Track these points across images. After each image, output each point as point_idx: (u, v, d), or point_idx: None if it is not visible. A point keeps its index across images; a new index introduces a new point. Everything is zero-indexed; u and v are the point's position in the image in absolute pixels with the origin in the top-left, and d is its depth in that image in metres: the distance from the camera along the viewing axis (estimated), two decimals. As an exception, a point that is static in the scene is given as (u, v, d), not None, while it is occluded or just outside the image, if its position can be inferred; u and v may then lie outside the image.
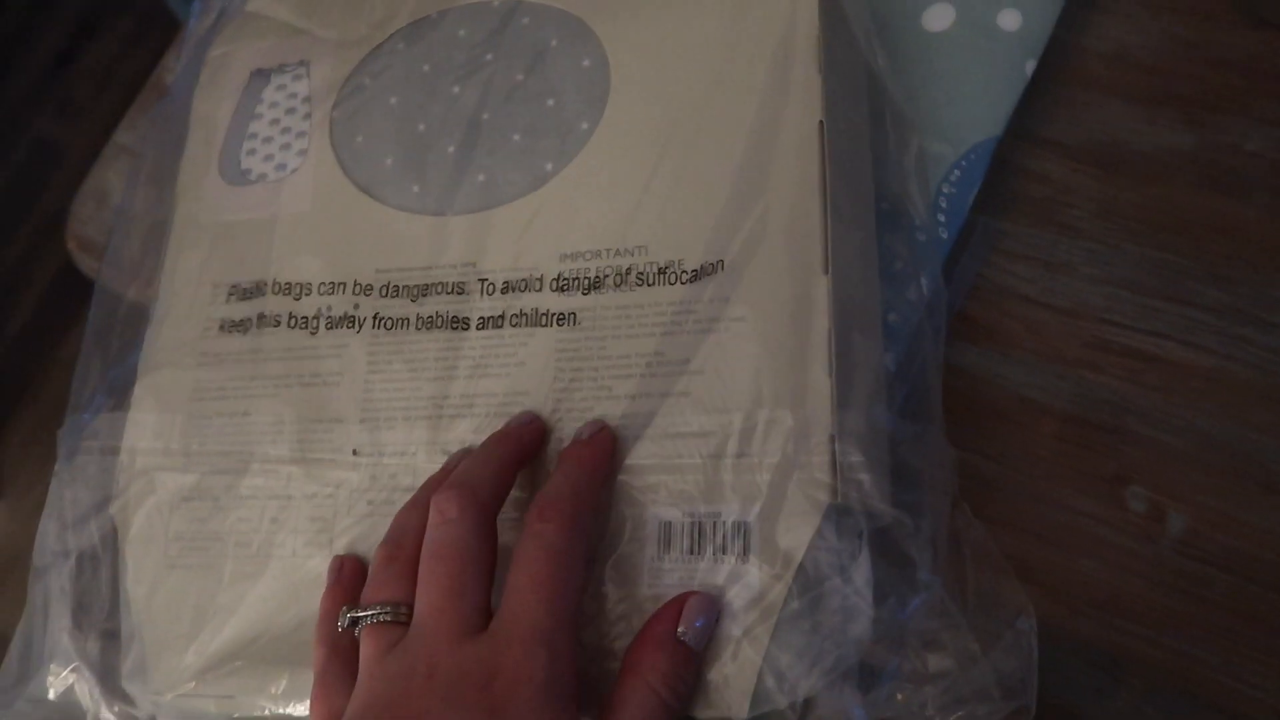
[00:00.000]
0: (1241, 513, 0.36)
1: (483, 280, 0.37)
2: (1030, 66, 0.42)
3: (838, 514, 0.31)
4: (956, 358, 0.41)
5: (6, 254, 1.50)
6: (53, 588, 0.38)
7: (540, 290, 0.36)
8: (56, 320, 1.43)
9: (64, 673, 0.36)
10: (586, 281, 0.36)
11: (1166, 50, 0.43)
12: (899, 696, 0.30)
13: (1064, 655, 0.36)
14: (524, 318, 0.36)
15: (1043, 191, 0.42)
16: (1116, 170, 0.42)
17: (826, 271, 0.33)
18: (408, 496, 0.34)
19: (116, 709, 0.36)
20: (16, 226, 1.50)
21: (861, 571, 0.31)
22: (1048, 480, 0.39)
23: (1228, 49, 0.43)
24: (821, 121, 0.35)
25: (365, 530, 0.35)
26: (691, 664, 0.30)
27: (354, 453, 0.36)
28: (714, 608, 0.31)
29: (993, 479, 0.39)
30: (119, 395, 0.41)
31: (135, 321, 0.44)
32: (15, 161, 1.54)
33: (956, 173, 0.41)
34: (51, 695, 0.36)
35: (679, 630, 0.30)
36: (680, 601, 0.31)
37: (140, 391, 0.40)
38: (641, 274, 0.35)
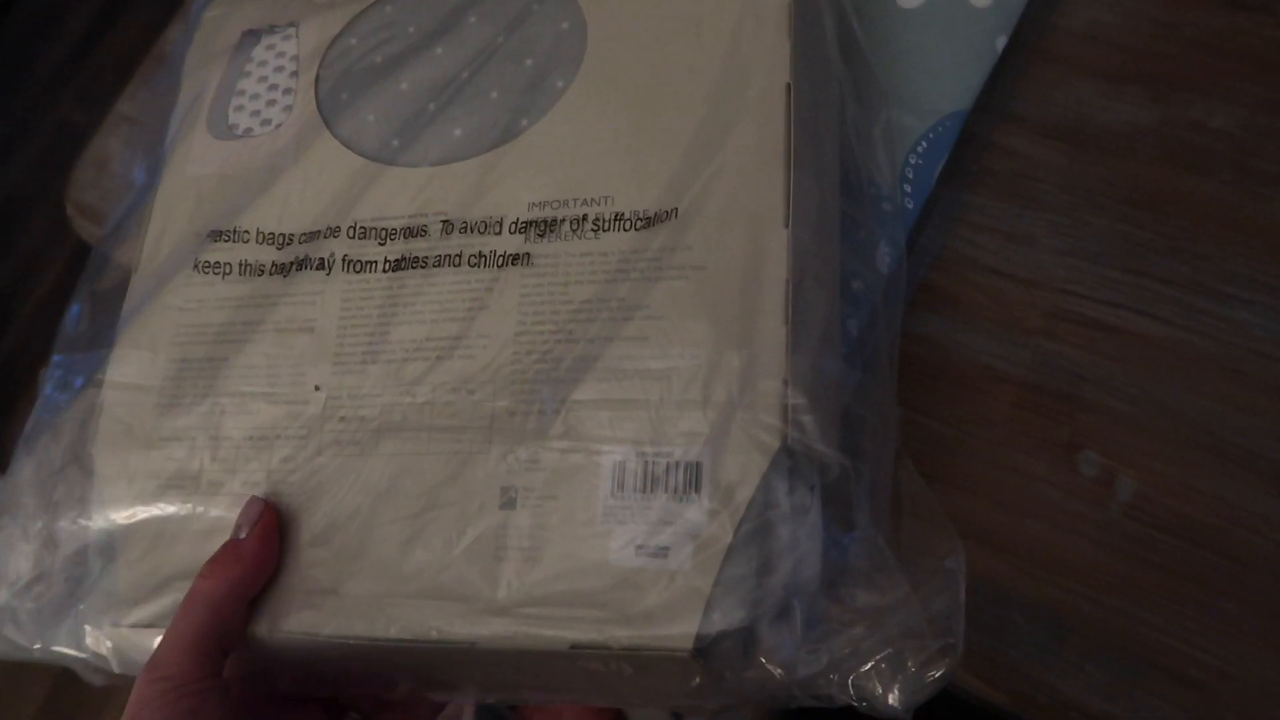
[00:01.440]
0: (1190, 478, 0.37)
1: (445, 222, 0.38)
2: (1001, 42, 0.43)
3: (791, 461, 0.32)
4: (919, 326, 0.41)
5: (25, 236, 1.52)
6: (19, 518, 0.39)
7: (500, 234, 0.37)
8: (70, 303, 1.44)
9: (24, 604, 0.37)
10: (547, 227, 0.37)
11: (1139, 29, 0.44)
12: (830, 633, 0.31)
13: (1010, 613, 0.37)
14: (482, 259, 0.37)
15: (1009, 165, 0.43)
16: (1082, 145, 0.42)
17: (787, 225, 0.34)
18: (366, 435, 0.35)
19: (66, 636, 0.37)
20: (35, 209, 1.53)
21: (812, 517, 0.32)
22: (1003, 445, 0.39)
23: (1200, 29, 0.43)
24: (789, 84, 0.36)
25: (315, 467, 0.36)
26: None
27: (315, 389, 0.37)
28: None
29: (950, 443, 0.40)
30: (102, 338, 0.42)
31: (125, 278, 0.45)
32: (37, 146, 1.56)
33: (924, 144, 0.42)
34: (14, 627, 0.37)
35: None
36: None
37: (123, 332, 0.41)
38: (604, 221, 0.36)
